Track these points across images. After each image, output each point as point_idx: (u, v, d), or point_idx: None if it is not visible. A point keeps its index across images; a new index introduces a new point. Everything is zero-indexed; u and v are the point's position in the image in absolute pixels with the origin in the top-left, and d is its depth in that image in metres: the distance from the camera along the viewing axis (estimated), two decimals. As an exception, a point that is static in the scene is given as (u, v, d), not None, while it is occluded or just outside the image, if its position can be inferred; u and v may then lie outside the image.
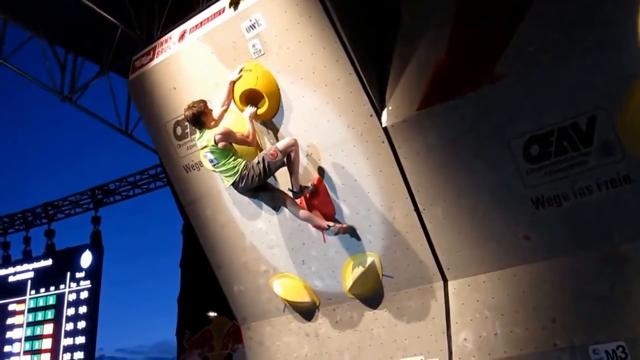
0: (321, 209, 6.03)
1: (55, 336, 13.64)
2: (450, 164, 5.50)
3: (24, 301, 14.42)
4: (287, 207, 5.92)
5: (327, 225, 5.87)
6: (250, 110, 5.87)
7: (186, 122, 6.26)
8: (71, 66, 10.14)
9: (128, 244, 57.32)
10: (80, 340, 13.32)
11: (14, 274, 14.79)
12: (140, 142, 11.42)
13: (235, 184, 5.67)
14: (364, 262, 6.05)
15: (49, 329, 13.83)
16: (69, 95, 10.14)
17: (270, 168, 5.63)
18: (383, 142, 5.69)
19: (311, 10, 5.58)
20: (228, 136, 5.57)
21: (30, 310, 14.26)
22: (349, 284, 6.19)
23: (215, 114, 5.80)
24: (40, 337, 13.91)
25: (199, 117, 5.58)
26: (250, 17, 5.87)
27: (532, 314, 5.26)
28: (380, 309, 6.17)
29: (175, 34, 6.74)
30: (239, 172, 5.58)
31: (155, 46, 6.96)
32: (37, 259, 14.68)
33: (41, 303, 14.14)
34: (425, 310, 5.87)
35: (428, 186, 5.64)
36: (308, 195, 6.02)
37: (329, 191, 6.04)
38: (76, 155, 61.20)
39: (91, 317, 13.43)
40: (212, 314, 11.65)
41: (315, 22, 5.59)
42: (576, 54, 4.78)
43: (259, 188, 5.75)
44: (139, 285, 60.81)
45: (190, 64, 6.52)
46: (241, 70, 5.89)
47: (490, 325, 5.45)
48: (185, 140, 6.81)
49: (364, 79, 5.60)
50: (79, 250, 13.97)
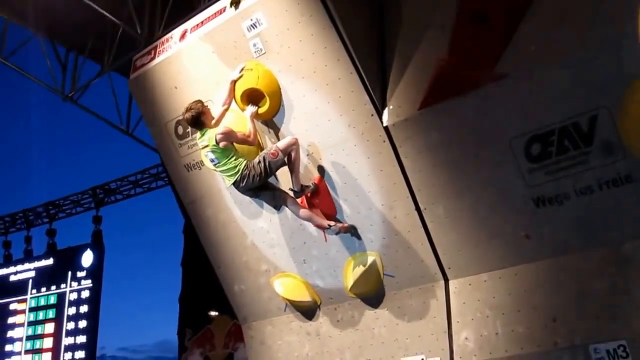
0: (322, 208, 6.04)
1: (57, 335, 13.61)
2: (451, 163, 5.50)
3: (25, 300, 14.38)
4: (288, 207, 5.92)
5: (328, 225, 5.88)
6: (251, 109, 5.88)
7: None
8: (72, 65, 10.12)
9: (129, 243, 57.40)
10: (81, 339, 13.28)
11: (15, 273, 14.74)
12: (141, 142, 11.39)
13: (236, 184, 5.67)
14: (365, 261, 6.06)
15: (50, 328, 13.79)
16: (70, 95, 10.11)
17: (271, 167, 5.63)
18: (384, 142, 5.69)
19: (312, 10, 5.58)
20: (229, 136, 5.58)
21: (31, 309, 14.22)
22: (350, 283, 6.19)
23: (216, 113, 5.81)
24: (41, 336, 13.87)
25: (199, 118, 5.59)
26: (251, 17, 5.87)
27: (533, 313, 5.26)
28: (381, 308, 6.18)
29: (176, 33, 6.75)
30: (240, 172, 5.58)
31: (156, 45, 6.97)
32: (38, 258, 14.64)
33: (42, 302, 14.09)
34: (426, 309, 5.87)
35: (429, 185, 5.64)
36: (309, 195, 6.01)
37: (330, 190, 6.04)
38: (77, 154, 61.36)
39: (92, 316, 13.40)
40: (214, 313, 11.63)
41: (316, 21, 5.60)
42: (577, 53, 4.77)
43: (260, 187, 5.75)
44: (140, 285, 60.90)
45: (192, 63, 6.53)
46: (242, 69, 5.90)
47: (491, 324, 5.46)
48: (187, 139, 6.81)
49: (364, 78, 5.61)
50: (80, 250, 13.93)
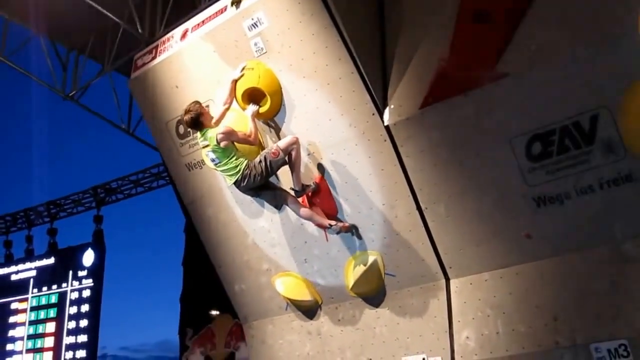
0: (323, 208, 6.04)
1: (58, 334, 13.61)
2: (452, 163, 5.50)
3: (26, 299, 14.38)
4: (289, 206, 5.92)
5: (329, 224, 5.89)
6: (252, 108, 5.88)
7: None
8: (73, 65, 10.12)
9: (130, 242, 57.45)
10: (82, 338, 13.27)
11: (16, 273, 14.75)
12: (142, 141, 11.37)
13: (237, 183, 5.68)
14: (366, 261, 6.06)
15: (51, 327, 13.79)
16: (71, 94, 10.11)
17: (272, 167, 5.63)
18: (385, 141, 5.69)
19: (313, 9, 5.58)
20: (230, 135, 5.58)
21: (32, 308, 14.22)
22: (351, 282, 6.20)
23: (216, 113, 5.81)
24: (42, 336, 13.87)
25: (198, 119, 5.60)
26: (252, 16, 5.88)
27: (534, 313, 5.26)
28: (382, 307, 6.19)
29: (177, 32, 6.75)
30: (241, 171, 5.58)
31: (157, 45, 6.98)
32: (40, 258, 14.64)
33: (43, 301, 14.09)
34: (427, 308, 5.88)
35: (430, 184, 5.64)
36: (310, 194, 6.02)
37: (331, 190, 6.05)
38: (78, 153, 61.32)
39: (93, 316, 13.39)
40: (215, 312, 11.64)
41: (317, 21, 5.60)
42: (578, 52, 4.77)
43: (261, 187, 5.76)
44: (142, 284, 60.94)
45: (192, 63, 6.53)
46: (243, 68, 5.90)
47: (492, 323, 5.46)
48: (187, 138, 6.82)
49: (365, 77, 5.61)
50: (81, 249, 13.92)
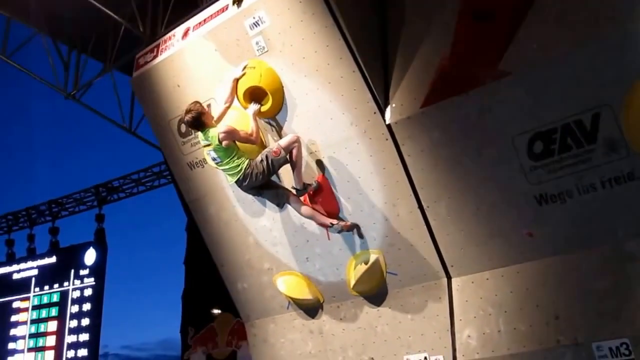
0: (325, 207, 6.04)
1: (59, 333, 13.64)
2: (454, 161, 5.50)
3: (27, 298, 14.42)
4: (291, 205, 5.93)
5: (331, 223, 5.89)
6: (253, 107, 5.87)
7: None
8: (75, 64, 10.14)
9: (132, 241, 57.49)
10: (84, 337, 13.31)
11: (18, 272, 14.80)
12: (144, 140, 11.42)
13: (239, 182, 5.68)
14: (368, 260, 6.06)
15: (53, 326, 13.83)
16: (72, 93, 10.14)
17: (274, 165, 5.64)
18: (387, 140, 5.68)
19: (314, 8, 5.58)
20: (232, 134, 5.58)
21: (34, 307, 14.26)
22: (352, 281, 6.19)
23: (217, 112, 5.81)
24: (44, 335, 13.92)
25: (200, 118, 5.59)
26: (253, 15, 5.87)
27: (536, 311, 5.26)
28: (384, 306, 6.18)
29: (178, 31, 6.74)
30: (243, 170, 5.59)
31: (158, 44, 6.97)
32: (41, 257, 14.68)
33: (45, 300, 14.13)
34: (428, 307, 5.87)
35: (432, 183, 5.64)
36: (312, 193, 6.01)
37: (333, 188, 6.04)
38: (80, 152, 61.33)
39: (95, 315, 13.43)
40: (216, 311, 11.66)
41: (318, 20, 5.59)
42: (580, 50, 4.76)
43: (263, 186, 5.76)
44: (143, 283, 60.92)
45: (194, 62, 6.53)
46: (245, 67, 5.89)
47: (494, 322, 5.46)
48: (189, 137, 6.81)
49: (367, 76, 5.60)
50: (83, 248, 13.96)
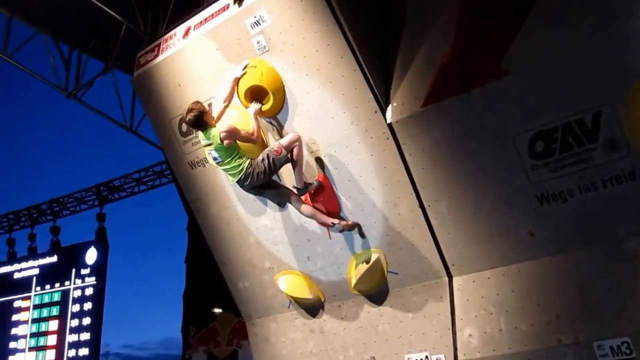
0: (326, 206, 6.04)
1: (61, 332, 13.62)
2: (455, 160, 5.50)
3: (29, 298, 14.40)
4: (292, 204, 5.93)
5: (332, 222, 5.89)
6: (254, 106, 5.87)
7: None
8: (76, 63, 10.14)
9: (133, 240, 57.45)
10: (85, 336, 13.29)
11: (19, 271, 14.78)
12: (145, 139, 11.42)
13: (240, 182, 5.68)
14: (369, 259, 6.06)
15: (54, 325, 13.80)
16: (73, 92, 10.13)
17: (275, 164, 5.64)
18: (388, 139, 5.69)
19: (315, 7, 5.57)
20: (233, 134, 5.58)
21: (35, 306, 14.23)
22: (353, 280, 6.20)
23: (217, 110, 5.81)
24: (45, 334, 13.89)
25: (201, 118, 5.58)
26: (254, 14, 5.87)
27: (537, 310, 5.26)
28: (385, 305, 6.19)
29: (179, 30, 6.74)
30: (244, 170, 5.59)
31: (159, 43, 6.96)
32: (42, 256, 14.66)
33: (46, 299, 14.11)
34: (430, 306, 5.88)
35: (433, 182, 5.64)
36: (313, 192, 6.02)
37: (334, 188, 6.04)
38: (81, 152, 61.39)
39: (96, 314, 13.41)
40: (218, 310, 11.66)
41: (319, 19, 5.59)
42: (581, 49, 4.76)
43: (264, 185, 5.76)
44: (144, 282, 60.96)
45: (195, 61, 6.53)
46: (246, 66, 5.89)
47: (495, 321, 5.46)
48: (190, 136, 6.81)
49: (368, 75, 5.60)
50: (84, 247, 13.94)
